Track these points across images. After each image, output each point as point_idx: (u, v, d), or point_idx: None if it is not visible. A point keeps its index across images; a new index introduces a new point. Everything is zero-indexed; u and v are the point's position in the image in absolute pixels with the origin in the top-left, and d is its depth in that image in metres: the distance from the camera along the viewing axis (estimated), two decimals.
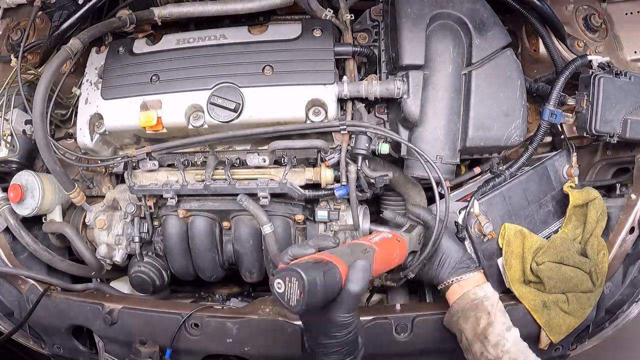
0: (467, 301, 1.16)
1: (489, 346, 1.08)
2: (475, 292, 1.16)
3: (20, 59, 1.40)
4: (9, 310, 1.52)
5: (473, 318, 1.13)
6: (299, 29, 1.31)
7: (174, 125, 1.28)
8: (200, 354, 1.37)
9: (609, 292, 1.38)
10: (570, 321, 1.27)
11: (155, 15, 1.35)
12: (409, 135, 1.30)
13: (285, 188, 1.33)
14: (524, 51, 1.53)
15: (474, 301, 1.15)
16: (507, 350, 1.06)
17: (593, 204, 1.36)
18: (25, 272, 1.51)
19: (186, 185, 1.36)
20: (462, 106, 1.27)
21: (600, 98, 1.25)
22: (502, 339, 1.07)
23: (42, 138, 1.22)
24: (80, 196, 1.46)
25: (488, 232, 1.31)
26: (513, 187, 1.38)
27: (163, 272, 1.53)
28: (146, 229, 1.49)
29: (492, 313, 1.12)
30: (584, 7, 1.51)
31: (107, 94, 1.32)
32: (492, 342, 1.08)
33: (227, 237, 1.52)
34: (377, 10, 1.40)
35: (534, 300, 1.28)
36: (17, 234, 1.46)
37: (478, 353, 1.10)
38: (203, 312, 1.37)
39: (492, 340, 1.08)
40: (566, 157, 1.45)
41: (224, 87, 1.26)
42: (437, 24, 1.25)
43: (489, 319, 1.11)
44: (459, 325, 1.17)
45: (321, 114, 1.25)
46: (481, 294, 1.16)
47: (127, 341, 1.37)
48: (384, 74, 1.34)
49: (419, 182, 1.47)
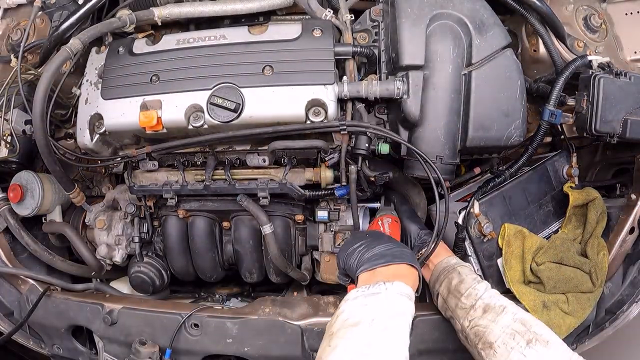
0: (441, 268, 1.23)
1: (462, 297, 1.13)
2: (449, 261, 1.24)
3: (20, 59, 1.40)
4: (9, 310, 1.52)
5: (446, 279, 1.20)
6: (299, 29, 1.31)
7: (174, 125, 1.28)
8: (200, 354, 1.37)
9: (609, 292, 1.38)
10: (570, 321, 1.27)
11: (155, 15, 1.35)
12: (408, 136, 1.30)
13: (285, 188, 1.33)
14: (524, 51, 1.53)
15: (446, 268, 1.22)
16: (480, 297, 1.11)
17: (593, 204, 1.36)
18: (25, 272, 1.51)
19: (186, 186, 1.36)
20: (462, 106, 1.27)
21: (600, 98, 1.25)
22: (473, 289, 1.13)
23: (42, 138, 1.22)
24: (80, 196, 1.46)
25: (488, 233, 1.31)
26: (513, 188, 1.38)
27: (163, 272, 1.53)
28: (146, 229, 1.49)
29: (463, 273, 1.18)
30: (584, 7, 1.51)
31: (107, 94, 1.32)
32: (465, 293, 1.13)
33: (227, 237, 1.52)
34: (377, 10, 1.40)
35: (533, 300, 1.28)
36: (17, 234, 1.46)
37: (453, 305, 1.15)
38: (203, 312, 1.37)
39: (464, 292, 1.14)
40: (566, 158, 1.45)
41: (224, 87, 1.26)
42: (437, 24, 1.25)
43: (460, 277, 1.17)
44: (436, 289, 1.23)
45: (321, 114, 1.25)
46: (453, 261, 1.23)
47: (127, 341, 1.37)
48: (384, 74, 1.34)
49: (419, 183, 1.47)
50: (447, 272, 1.21)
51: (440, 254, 1.27)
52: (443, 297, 1.20)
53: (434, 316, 1.29)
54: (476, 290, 1.12)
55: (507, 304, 1.08)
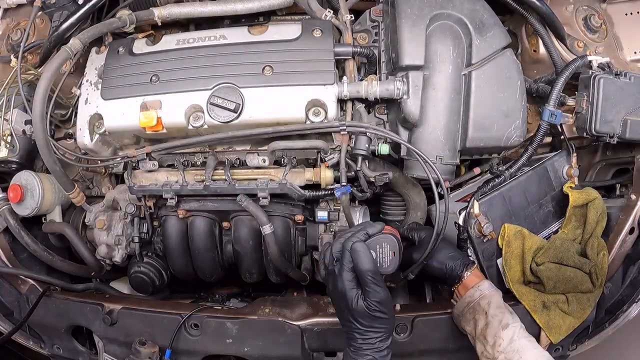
0: (464, 304, 1.18)
1: (487, 346, 1.10)
2: (472, 295, 1.18)
3: (20, 59, 1.40)
4: (9, 310, 1.52)
5: (472, 320, 1.16)
6: (299, 29, 1.31)
7: (174, 125, 1.28)
8: (200, 355, 1.37)
9: (609, 292, 1.38)
10: (570, 322, 1.27)
11: (155, 15, 1.35)
12: (408, 136, 1.30)
13: (285, 188, 1.33)
14: (524, 51, 1.53)
15: (470, 304, 1.17)
16: (503, 350, 1.07)
17: (593, 205, 1.35)
18: (25, 272, 1.51)
19: (186, 186, 1.36)
20: (462, 107, 1.27)
21: (600, 98, 1.25)
22: (498, 338, 1.09)
23: (42, 138, 1.22)
24: (80, 196, 1.46)
25: (488, 233, 1.31)
26: (513, 188, 1.38)
27: (163, 273, 1.53)
28: (146, 229, 1.49)
29: (489, 313, 1.13)
30: (584, 7, 1.51)
31: (107, 94, 1.32)
32: (490, 342, 1.09)
33: (227, 237, 1.52)
34: (377, 10, 1.40)
35: (533, 300, 1.28)
36: (17, 234, 1.46)
37: (479, 352, 1.13)
38: (203, 312, 1.37)
39: (490, 340, 1.10)
40: (566, 158, 1.45)
41: (223, 87, 1.26)
42: (437, 25, 1.25)
43: (486, 319, 1.12)
44: (463, 327, 1.20)
45: (321, 114, 1.25)
46: (477, 294, 1.17)
47: (127, 341, 1.37)
48: (384, 74, 1.34)
49: (419, 183, 1.47)
50: (473, 309, 1.17)
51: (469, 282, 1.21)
52: (471, 337, 1.17)
53: (434, 316, 1.30)
54: (500, 340, 1.08)
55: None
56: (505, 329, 1.09)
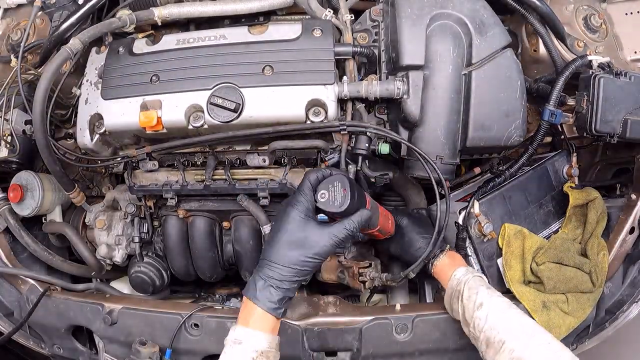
0: (448, 298, 1.22)
1: (470, 327, 1.13)
2: (451, 286, 1.20)
3: (20, 59, 1.40)
4: (9, 310, 1.52)
5: (455, 306, 1.19)
6: (299, 29, 1.31)
7: (174, 125, 1.28)
8: (200, 354, 1.37)
9: (609, 292, 1.38)
10: (570, 321, 1.27)
11: (155, 15, 1.35)
12: (409, 136, 1.30)
13: (285, 188, 1.33)
14: (524, 51, 1.53)
15: (451, 296, 1.20)
16: (481, 329, 1.10)
17: (593, 204, 1.36)
18: (25, 272, 1.51)
19: (186, 186, 1.36)
20: (462, 106, 1.27)
21: (600, 98, 1.25)
22: (476, 319, 1.11)
23: (42, 138, 1.22)
24: (80, 196, 1.46)
25: (488, 232, 1.31)
26: (513, 188, 1.38)
27: (163, 272, 1.53)
28: (146, 229, 1.49)
29: (464, 296, 1.16)
30: (584, 7, 1.51)
31: (107, 94, 1.32)
32: (471, 324, 1.13)
33: (227, 237, 1.52)
34: (377, 10, 1.40)
35: (533, 300, 1.28)
36: (17, 234, 1.46)
37: (469, 337, 1.16)
38: (203, 312, 1.37)
39: (470, 322, 1.13)
40: (566, 158, 1.45)
41: (223, 87, 1.26)
42: (437, 24, 1.25)
43: (462, 303, 1.15)
44: (454, 318, 1.23)
45: (321, 114, 1.25)
46: (454, 284, 1.20)
47: (127, 341, 1.37)
48: (384, 74, 1.34)
49: (419, 183, 1.47)
50: (455, 299, 1.19)
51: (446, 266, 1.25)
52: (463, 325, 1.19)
53: (434, 316, 1.29)
54: (477, 320, 1.11)
55: (505, 338, 1.04)
56: (480, 309, 1.12)
